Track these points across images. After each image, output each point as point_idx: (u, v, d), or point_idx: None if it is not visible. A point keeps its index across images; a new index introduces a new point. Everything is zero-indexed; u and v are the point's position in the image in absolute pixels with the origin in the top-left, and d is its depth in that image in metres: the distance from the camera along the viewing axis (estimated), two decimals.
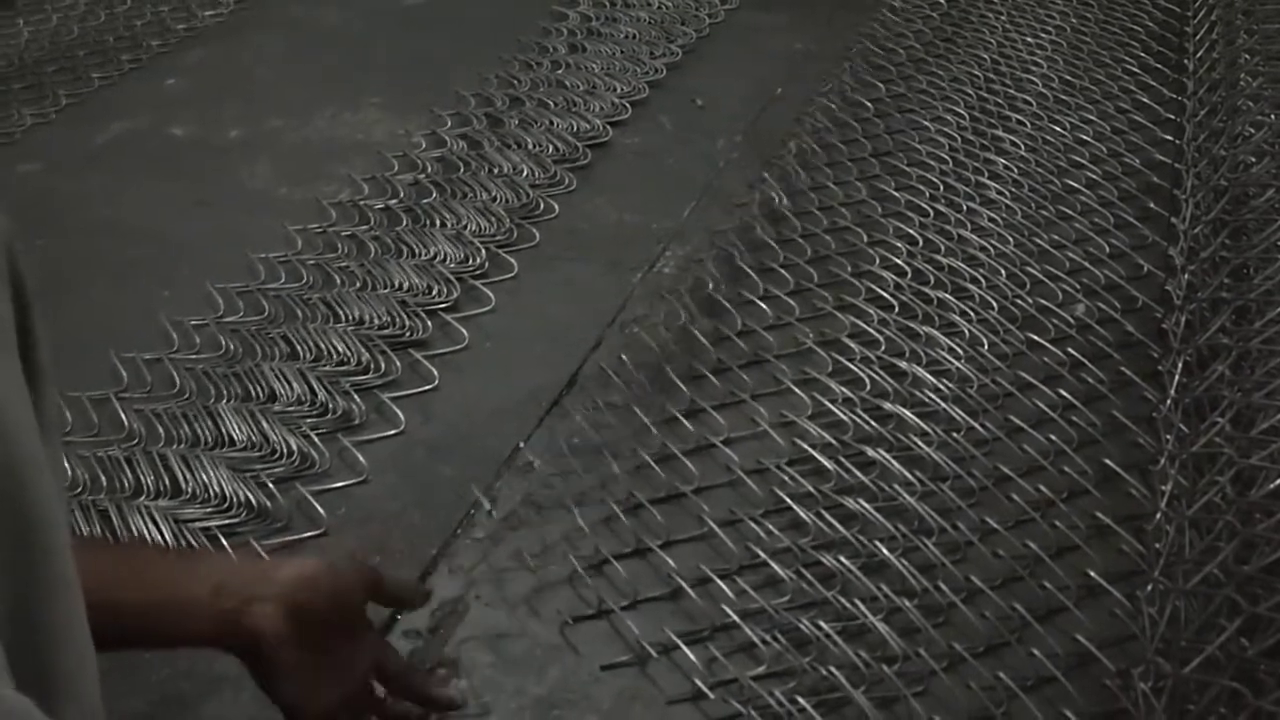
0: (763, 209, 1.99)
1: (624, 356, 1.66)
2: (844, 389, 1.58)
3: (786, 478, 1.44)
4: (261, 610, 0.88)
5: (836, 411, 1.54)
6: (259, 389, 1.59)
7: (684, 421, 1.54)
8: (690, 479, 1.45)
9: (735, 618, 1.26)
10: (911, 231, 1.91)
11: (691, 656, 1.22)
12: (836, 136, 2.21)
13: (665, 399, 1.58)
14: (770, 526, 1.37)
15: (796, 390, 1.59)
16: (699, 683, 1.20)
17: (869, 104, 2.31)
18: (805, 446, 1.48)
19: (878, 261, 1.85)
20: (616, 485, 1.45)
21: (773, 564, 1.32)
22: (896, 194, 2.03)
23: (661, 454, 1.49)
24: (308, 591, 0.89)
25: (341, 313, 1.74)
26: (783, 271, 1.84)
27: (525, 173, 2.12)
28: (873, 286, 1.79)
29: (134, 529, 1.36)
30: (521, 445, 1.52)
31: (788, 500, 1.40)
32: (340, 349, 1.66)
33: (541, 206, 2.04)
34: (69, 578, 0.55)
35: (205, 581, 0.88)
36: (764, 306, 1.75)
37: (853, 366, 1.62)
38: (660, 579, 1.33)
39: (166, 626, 0.85)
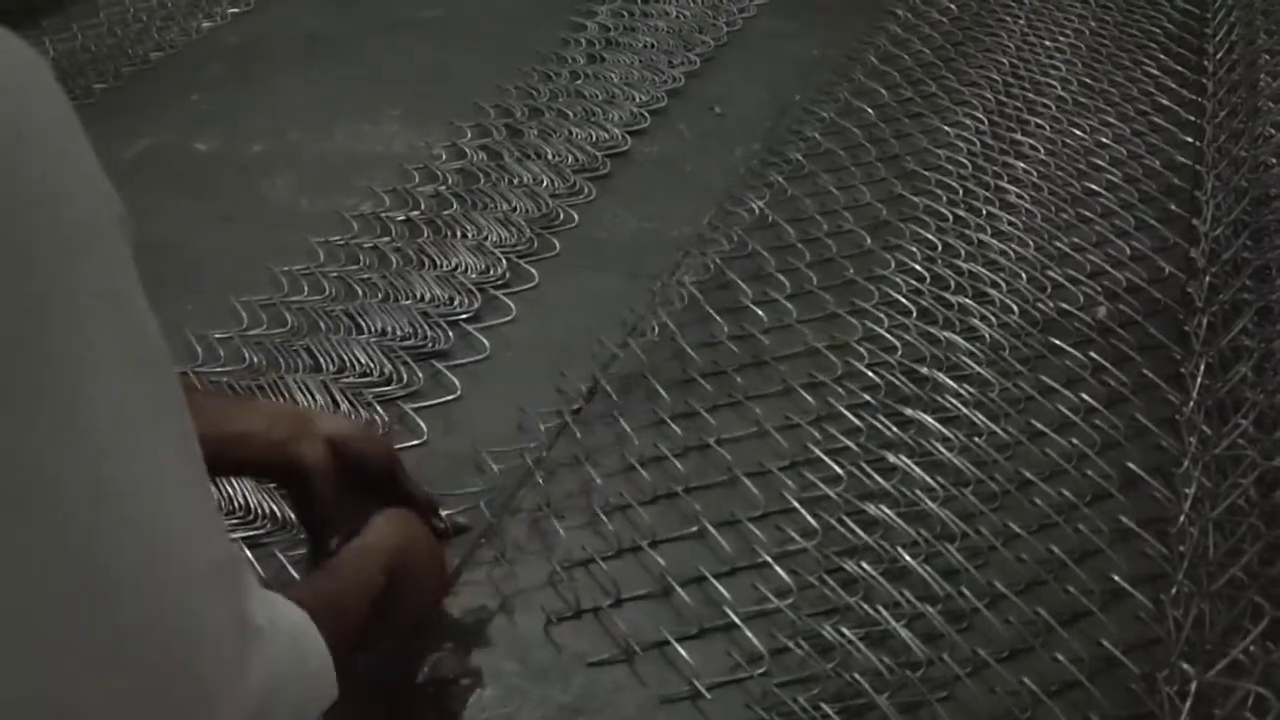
0: (756, 220, 1.99)
1: (643, 366, 1.67)
2: (865, 394, 1.58)
3: (804, 484, 1.44)
4: (310, 444, 1.03)
5: (852, 418, 1.54)
6: (283, 401, 1.61)
7: (707, 419, 1.55)
8: (704, 480, 1.46)
9: (737, 620, 1.26)
10: (930, 236, 1.91)
11: (708, 662, 1.23)
12: (848, 141, 2.21)
13: (687, 405, 1.59)
14: (790, 532, 1.38)
15: (810, 398, 1.59)
16: (700, 687, 1.20)
17: (875, 110, 2.32)
18: (819, 453, 1.48)
19: (893, 266, 1.85)
20: (640, 491, 1.46)
21: (778, 568, 1.32)
22: (914, 199, 2.03)
23: (685, 453, 1.50)
24: (347, 437, 1.06)
25: (364, 324, 1.76)
26: (780, 278, 1.84)
27: (545, 183, 2.13)
28: (890, 291, 1.79)
29: None
30: (544, 454, 1.53)
31: (798, 505, 1.40)
32: (363, 360, 1.68)
33: (561, 216, 2.05)
34: None
35: (259, 417, 1.04)
36: (785, 310, 1.76)
37: (869, 373, 1.62)
38: (669, 580, 1.33)
39: (223, 453, 0.97)
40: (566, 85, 2.48)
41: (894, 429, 1.52)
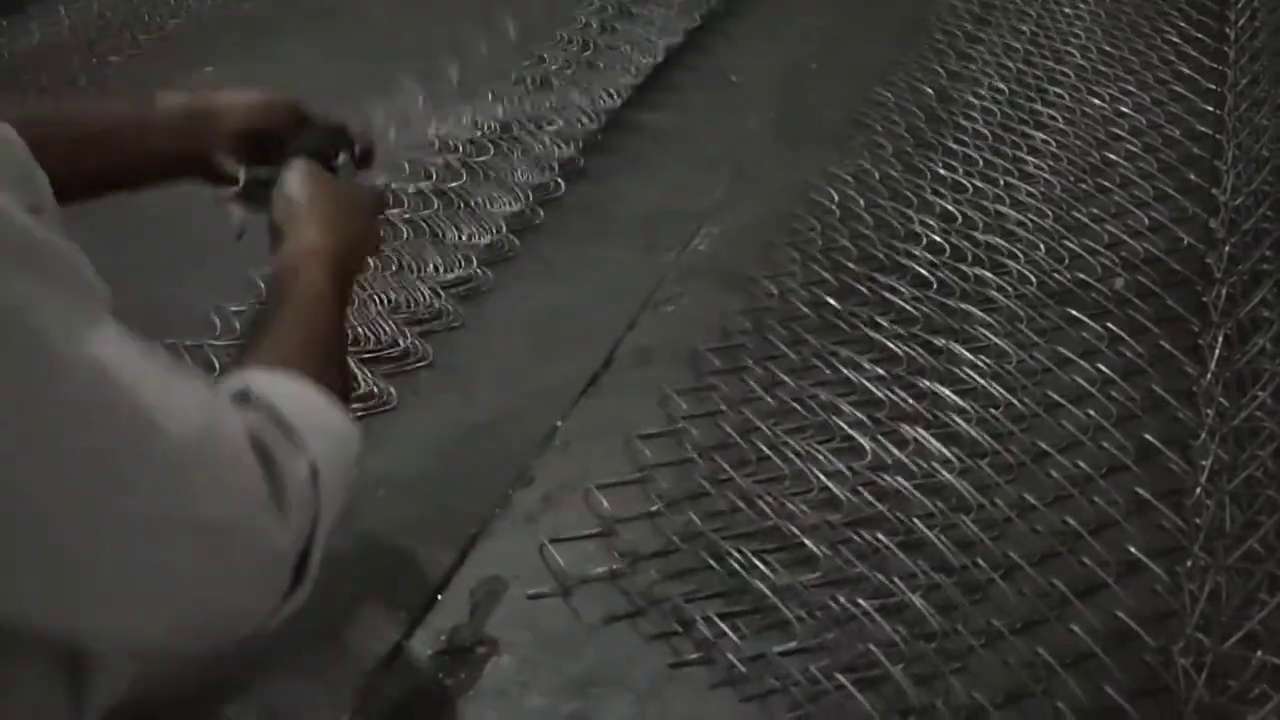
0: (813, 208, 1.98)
1: (658, 337, 1.66)
2: (880, 367, 1.57)
3: (822, 455, 1.44)
4: (221, 151, 1.17)
5: (874, 390, 1.53)
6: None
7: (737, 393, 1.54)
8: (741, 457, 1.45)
9: (771, 594, 1.26)
10: (948, 207, 1.90)
11: (727, 635, 1.23)
12: (865, 111, 2.19)
13: (699, 377, 1.58)
14: (803, 505, 1.37)
15: (827, 370, 1.58)
16: (734, 658, 1.20)
17: (892, 80, 2.30)
18: (840, 424, 1.48)
19: (912, 239, 1.84)
20: (649, 464, 1.45)
21: (808, 541, 1.32)
22: (933, 169, 2.01)
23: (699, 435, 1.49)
24: (257, 117, 1.19)
25: (377, 297, 1.76)
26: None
27: (556, 153, 2.12)
28: (908, 263, 1.78)
29: None
30: (558, 425, 1.53)
31: (817, 479, 1.40)
32: (376, 333, 1.68)
33: (574, 187, 2.04)
34: None
35: (165, 132, 1.15)
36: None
37: (890, 344, 1.61)
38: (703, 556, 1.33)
39: (133, 169, 1.14)
40: (577, 55, 2.47)
41: (910, 401, 1.51)
